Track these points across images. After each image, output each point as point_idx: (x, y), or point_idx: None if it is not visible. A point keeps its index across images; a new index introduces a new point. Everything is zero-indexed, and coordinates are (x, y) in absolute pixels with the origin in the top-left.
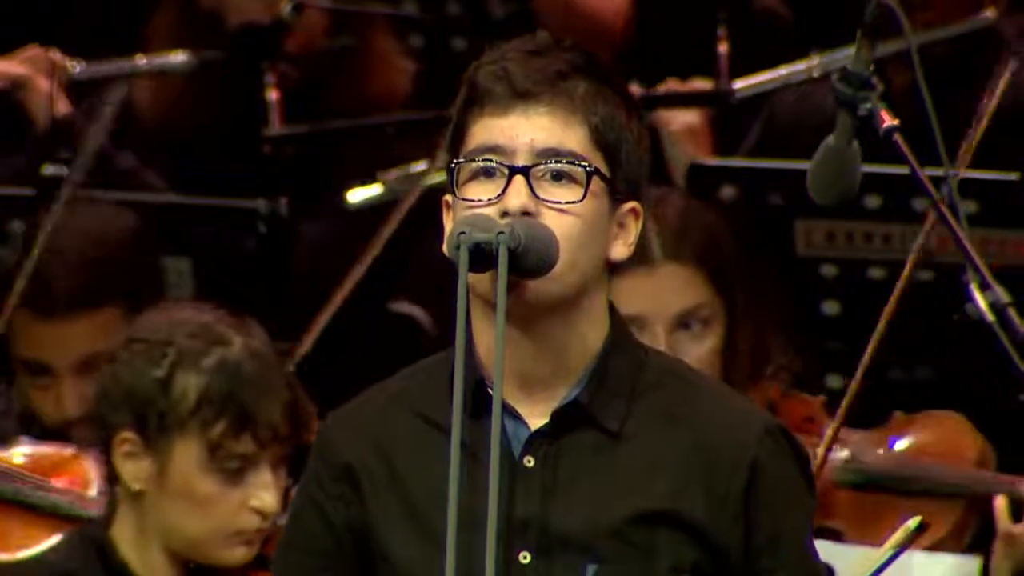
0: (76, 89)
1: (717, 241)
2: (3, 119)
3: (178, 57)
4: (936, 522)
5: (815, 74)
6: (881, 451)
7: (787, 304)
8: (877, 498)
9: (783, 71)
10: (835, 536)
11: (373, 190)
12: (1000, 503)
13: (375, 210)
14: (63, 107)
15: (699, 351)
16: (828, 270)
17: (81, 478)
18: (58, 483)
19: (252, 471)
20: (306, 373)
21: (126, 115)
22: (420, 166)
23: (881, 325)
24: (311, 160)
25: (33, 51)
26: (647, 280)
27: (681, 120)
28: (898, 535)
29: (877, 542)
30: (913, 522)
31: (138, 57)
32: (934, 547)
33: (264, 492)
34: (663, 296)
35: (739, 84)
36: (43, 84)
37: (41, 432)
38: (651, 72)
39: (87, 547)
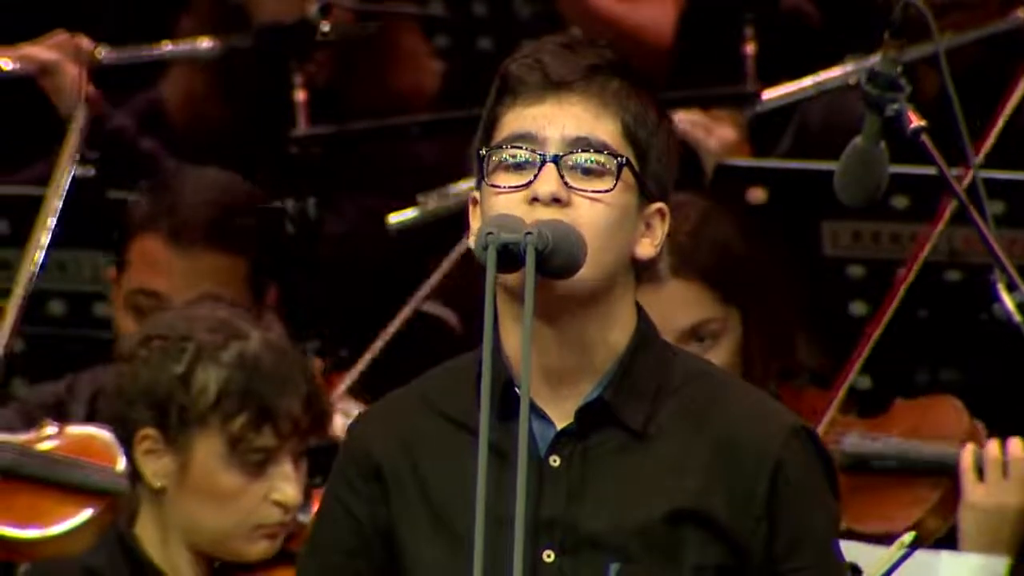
0: (103, 75)
1: (728, 255)
2: (26, 106)
3: (204, 44)
4: (920, 499)
5: (851, 81)
6: (874, 436)
7: (813, 304)
8: (864, 480)
9: (820, 77)
10: None
11: (412, 212)
12: (967, 462)
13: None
14: (89, 93)
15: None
16: (855, 271)
17: (107, 455)
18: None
19: (273, 464)
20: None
21: (155, 113)
22: (458, 186)
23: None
24: (337, 160)
25: (60, 36)
26: (654, 296)
27: (719, 135)
28: (892, 551)
29: (865, 525)
30: (908, 537)
31: (165, 44)
32: (916, 525)
33: (286, 485)
34: (669, 312)
35: (773, 93)
36: (70, 69)
37: None
38: (678, 73)
39: (112, 545)
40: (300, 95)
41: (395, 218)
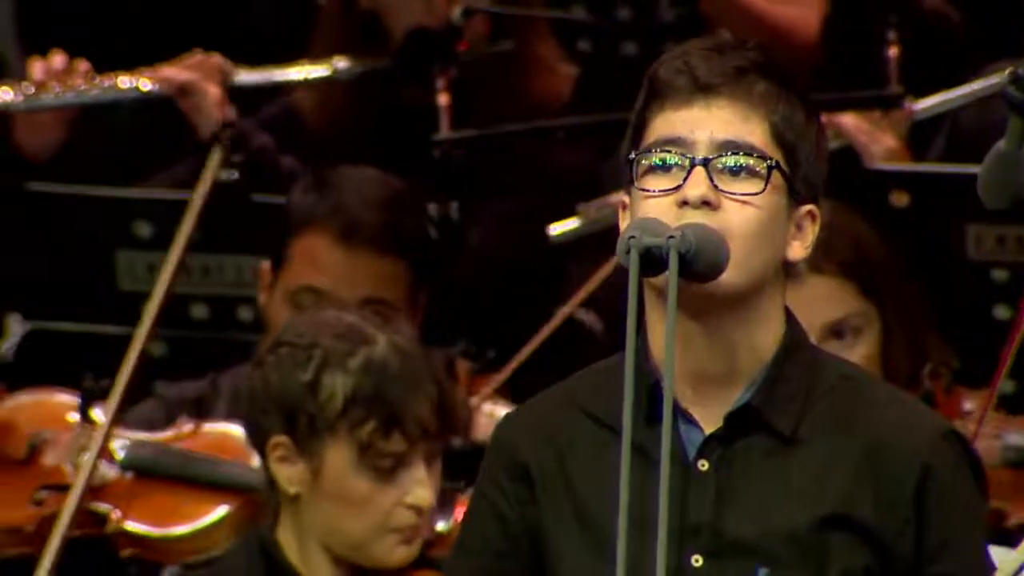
0: (238, 96)
1: (864, 249)
2: (163, 129)
3: (340, 64)
4: None
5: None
6: None
7: (957, 308)
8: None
9: (984, 83)
10: (997, 517)
11: (573, 223)
12: None
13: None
14: (229, 114)
15: (853, 359)
16: (999, 275)
17: (242, 453)
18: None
19: (405, 468)
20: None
21: (290, 120)
22: (618, 196)
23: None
24: (479, 164)
25: (198, 57)
26: (793, 294)
27: (882, 144)
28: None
29: None
30: None
31: (299, 64)
32: None
33: (419, 488)
34: (810, 309)
35: (927, 103)
36: (209, 90)
37: None
38: (822, 76)
39: (253, 551)
40: (443, 99)
41: (555, 228)
